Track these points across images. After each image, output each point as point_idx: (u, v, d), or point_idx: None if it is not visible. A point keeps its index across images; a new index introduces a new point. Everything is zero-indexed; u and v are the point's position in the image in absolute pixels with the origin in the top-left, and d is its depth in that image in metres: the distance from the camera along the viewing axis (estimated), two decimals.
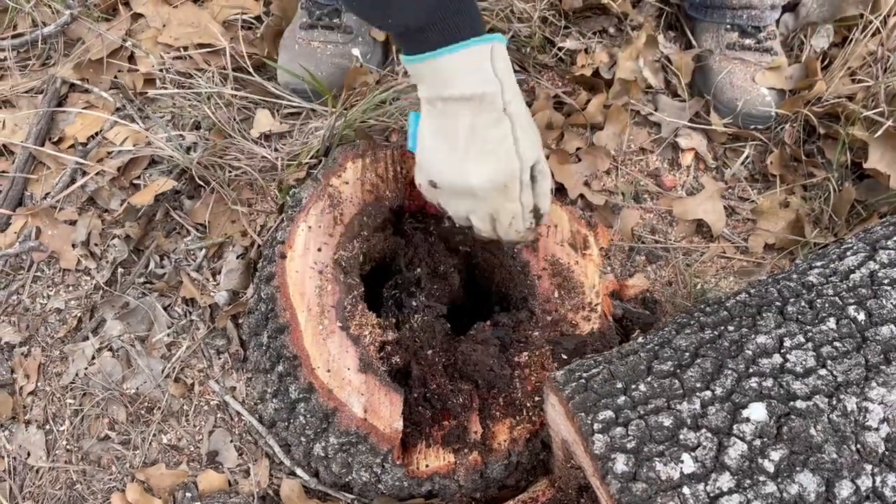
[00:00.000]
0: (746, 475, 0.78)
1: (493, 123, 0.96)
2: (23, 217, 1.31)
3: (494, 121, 0.96)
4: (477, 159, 0.98)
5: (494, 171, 0.98)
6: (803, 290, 0.95)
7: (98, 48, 1.45)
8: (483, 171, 0.98)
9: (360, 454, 1.03)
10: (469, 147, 0.97)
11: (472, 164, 0.98)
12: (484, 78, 0.93)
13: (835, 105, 1.43)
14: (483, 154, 0.97)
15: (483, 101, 0.94)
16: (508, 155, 0.98)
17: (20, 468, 1.16)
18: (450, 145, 0.98)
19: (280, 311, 1.04)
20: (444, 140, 0.99)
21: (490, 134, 0.96)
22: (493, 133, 0.96)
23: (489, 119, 0.95)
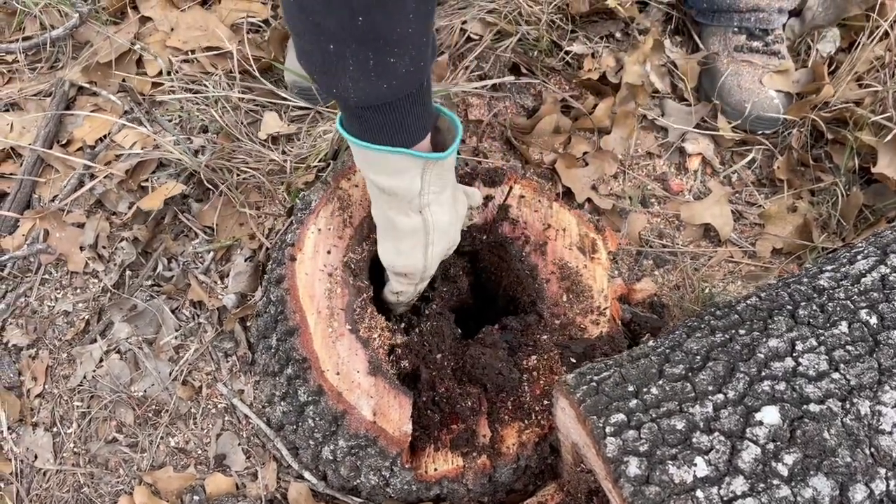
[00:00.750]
0: (760, 479, 0.77)
1: (404, 220, 1.00)
2: (31, 220, 1.31)
3: (406, 218, 1.00)
4: (387, 242, 1.04)
5: (397, 262, 1.05)
6: (814, 294, 0.95)
7: (106, 51, 1.45)
8: (388, 256, 1.05)
9: (369, 457, 1.03)
10: (383, 228, 1.03)
11: (383, 242, 1.05)
12: (405, 181, 0.95)
13: (842, 110, 1.43)
14: (393, 240, 1.03)
15: (398, 198, 0.97)
16: (414, 255, 1.03)
17: (27, 471, 1.16)
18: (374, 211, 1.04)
19: (290, 313, 1.04)
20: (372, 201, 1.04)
21: (399, 227, 1.00)
22: (403, 228, 1.00)
23: (401, 216, 0.99)
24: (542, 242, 1.22)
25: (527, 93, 1.50)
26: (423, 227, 1.00)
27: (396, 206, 0.98)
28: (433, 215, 1.00)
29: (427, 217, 0.99)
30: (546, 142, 1.44)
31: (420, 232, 1.01)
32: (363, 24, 0.76)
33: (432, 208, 0.99)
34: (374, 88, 0.83)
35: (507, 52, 1.49)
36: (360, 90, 0.83)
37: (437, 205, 0.99)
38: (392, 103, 0.87)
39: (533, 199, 1.25)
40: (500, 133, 1.46)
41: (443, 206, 1.00)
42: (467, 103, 1.46)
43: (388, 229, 1.02)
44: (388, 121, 0.89)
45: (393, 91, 0.84)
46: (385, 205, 0.99)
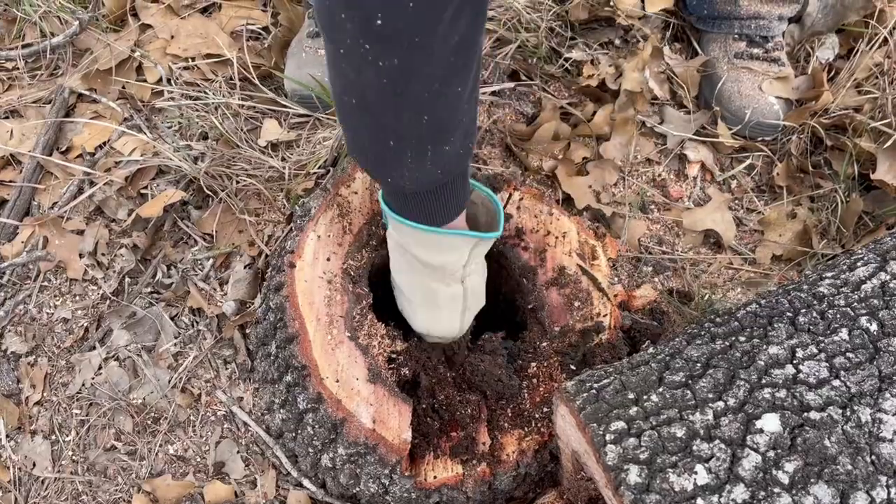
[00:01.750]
0: (761, 487, 0.77)
1: (445, 290, 1.03)
2: (30, 227, 1.31)
3: (447, 288, 1.03)
4: (425, 312, 1.07)
5: (433, 329, 1.08)
6: (814, 301, 0.95)
7: (106, 58, 1.45)
8: (423, 325, 1.08)
9: (369, 465, 1.03)
10: (420, 298, 1.05)
11: (418, 312, 1.07)
12: (453, 257, 0.99)
13: (842, 116, 1.44)
14: (431, 310, 1.06)
15: (444, 272, 1.00)
16: (451, 321, 1.07)
17: (25, 479, 1.15)
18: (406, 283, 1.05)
19: (289, 320, 1.04)
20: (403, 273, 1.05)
21: (440, 297, 1.03)
22: (443, 297, 1.04)
23: (443, 287, 1.03)
24: (541, 249, 1.22)
25: (526, 99, 1.50)
26: (463, 294, 1.04)
27: (440, 279, 1.02)
28: (471, 282, 1.04)
29: (468, 285, 1.04)
30: (545, 148, 1.45)
31: (459, 299, 1.05)
32: (428, 121, 0.77)
33: (472, 277, 1.04)
34: (428, 176, 0.85)
35: (506, 58, 1.49)
36: (414, 179, 0.85)
37: (476, 274, 1.05)
38: (443, 185, 0.89)
39: (533, 205, 1.24)
40: (499, 140, 1.46)
41: (479, 272, 1.06)
42: None
43: (426, 300, 1.05)
44: (438, 202, 0.92)
45: (445, 174, 0.87)
46: (427, 277, 1.02)
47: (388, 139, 0.79)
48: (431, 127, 0.78)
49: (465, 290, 1.04)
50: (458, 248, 0.98)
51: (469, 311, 1.08)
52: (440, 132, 0.80)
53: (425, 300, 1.05)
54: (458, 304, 1.05)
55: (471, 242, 0.98)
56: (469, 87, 0.78)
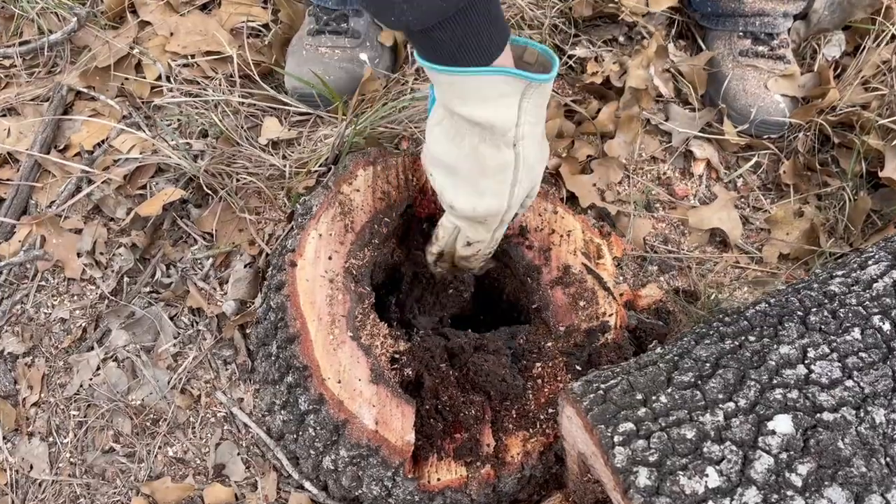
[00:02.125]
0: (773, 490, 0.75)
1: (495, 155, 0.92)
2: (28, 226, 1.29)
3: (497, 153, 0.91)
4: (471, 183, 0.95)
5: (482, 203, 0.96)
6: (825, 300, 0.93)
7: (105, 56, 1.44)
8: (468, 200, 0.97)
9: (371, 467, 1.01)
10: (467, 169, 0.94)
11: (465, 184, 0.96)
12: (499, 110, 0.88)
13: (849, 114, 1.42)
14: (479, 181, 0.95)
15: (493, 131, 0.89)
16: (499, 194, 0.95)
17: (22, 481, 1.13)
18: (452, 153, 0.94)
19: (290, 320, 1.02)
20: (448, 142, 0.94)
21: (489, 164, 0.92)
22: (493, 165, 0.92)
23: (493, 150, 0.91)
24: (546, 248, 1.20)
25: None
26: (514, 163, 0.92)
27: (490, 140, 0.89)
28: (525, 149, 0.91)
29: (519, 151, 0.91)
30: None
31: (510, 168, 0.92)
32: None
33: (525, 142, 0.91)
34: (430, 4, 0.77)
35: None
36: (416, 9, 0.77)
37: (531, 139, 0.91)
38: (455, 16, 0.80)
39: (537, 203, 1.23)
40: None
41: (535, 141, 0.93)
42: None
43: (472, 168, 0.93)
44: (459, 36, 0.81)
45: (450, 2, 0.78)
46: (475, 138, 0.90)
47: None
48: None
49: (516, 158, 0.91)
50: (505, 95, 0.86)
51: (520, 186, 0.95)
52: None
53: (471, 168, 0.93)
54: (509, 174, 0.93)
55: (519, 86, 0.85)
56: None
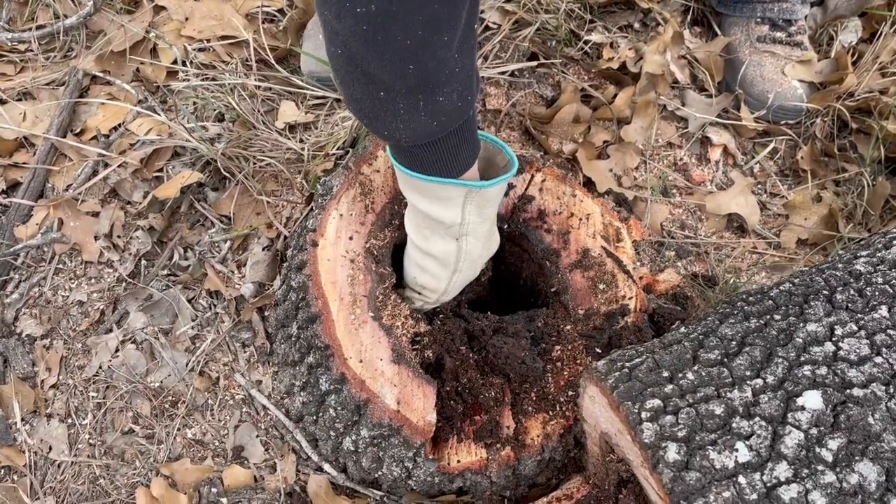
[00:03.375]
0: (804, 464, 0.75)
1: (441, 243, 1.01)
2: (45, 208, 1.29)
3: (443, 242, 1.01)
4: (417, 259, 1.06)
5: (419, 278, 1.07)
6: (851, 279, 0.92)
7: (120, 40, 1.43)
8: (413, 272, 1.08)
9: (393, 448, 1.01)
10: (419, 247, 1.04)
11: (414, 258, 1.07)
12: (449, 210, 0.97)
13: (867, 99, 1.41)
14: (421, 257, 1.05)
15: (442, 225, 0.98)
16: (438, 277, 1.05)
17: (41, 463, 1.13)
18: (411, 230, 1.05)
19: (312, 299, 1.02)
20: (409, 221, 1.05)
21: (434, 249, 1.02)
22: (437, 250, 1.02)
23: (440, 239, 1.01)
24: (565, 231, 1.20)
25: (545, 82, 1.48)
26: (456, 254, 1.02)
27: (438, 231, 1.00)
28: (468, 244, 1.01)
29: (462, 245, 1.01)
30: (566, 131, 1.42)
31: (451, 257, 1.02)
32: (414, 70, 0.75)
33: (469, 238, 1.01)
34: (424, 127, 0.84)
35: (525, 41, 1.47)
36: (410, 130, 0.84)
37: (474, 237, 1.01)
38: (442, 138, 0.88)
39: (555, 187, 1.22)
40: (518, 123, 1.44)
41: (479, 238, 1.02)
42: (486, 93, 1.44)
43: (419, 247, 1.04)
44: (438, 154, 0.90)
45: (442, 127, 0.85)
46: (423, 223, 1.01)
47: (378, 90, 0.78)
48: (419, 77, 0.76)
49: (458, 250, 1.02)
50: (450, 199, 0.95)
51: (459, 275, 1.05)
52: (429, 83, 0.78)
53: (417, 247, 1.04)
54: (450, 262, 1.03)
55: (462, 192, 0.94)
56: (457, 36, 0.76)
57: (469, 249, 1.02)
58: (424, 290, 1.09)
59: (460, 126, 0.88)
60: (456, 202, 0.96)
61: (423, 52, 0.74)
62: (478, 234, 1.01)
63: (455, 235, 1.00)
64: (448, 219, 0.97)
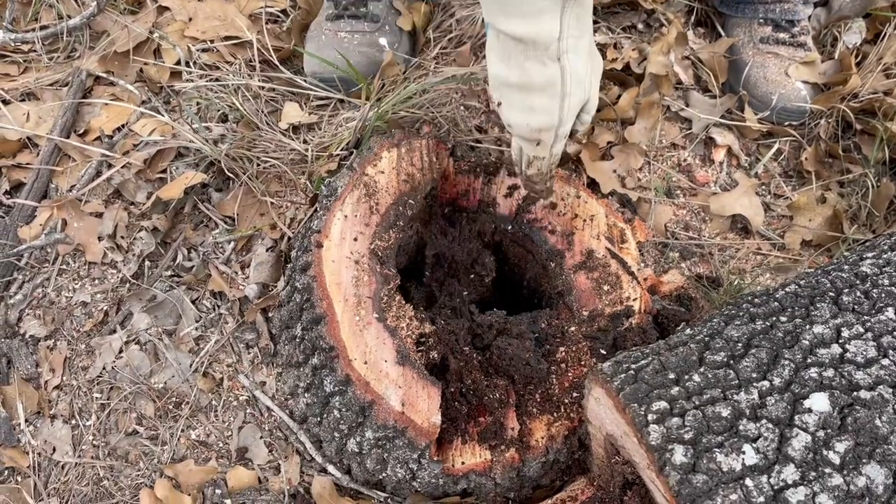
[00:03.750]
0: (811, 467, 0.75)
1: (541, 70, 0.92)
2: (48, 209, 1.29)
3: (543, 68, 0.92)
4: (522, 99, 0.96)
5: (534, 117, 0.97)
6: (857, 281, 0.92)
7: (124, 41, 1.43)
8: (521, 118, 0.97)
9: (397, 449, 1.01)
10: (517, 85, 0.94)
11: (517, 101, 0.96)
12: (542, 23, 0.88)
13: (871, 100, 1.41)
14: (528, 97, 0.95)
15: (536, 45, 0.89)
16: (549, 109, 0.95)
17: (45, 464, 1.13)
18: (503, 73, 0.95)
19: (316, 300, 1.01)
20: (499, 63, 0.95)
21: (536, 79, 0.92)
22: (540, 80, 0.92)
23: (538, 65, 0.91)
24: (569, 232, 1.20)
25: None
26: (560, 76, 0.92)
27: (533, 55, 0.90)
28: (570, 63, 0.92)
29: (565, 65, 0.92)
30: None
31: (557, 82, 0.93)
32: None
33: (570, 55, 0.91)
34: None
35: None
36: None
37: (575, 52, 0.92)
38: None
39: (560, 188, 1.22)
40: None
41: (580, 54, 0.93)
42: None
43: (518, 84, 0.94)
44: None
45: None
46: (520, 55, 0.91)
47: None
48: None
49: (562, 71, 0.92)
50: (544, 10, 0.87)
51: (570, 99, 0.95)
52: None
53: (521, 86, 0.94)
54: (557, 88, 0.93)
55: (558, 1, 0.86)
56: None
57: (574, 68, 0.92)
58: (542, 133, 0.98)
59: None
60: (553, 13, 0.87)
61: None
62: (578, 49, 0.92)
63: (555, 55, 0.90)
64: (545, 35, 0.88)
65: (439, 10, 1.51)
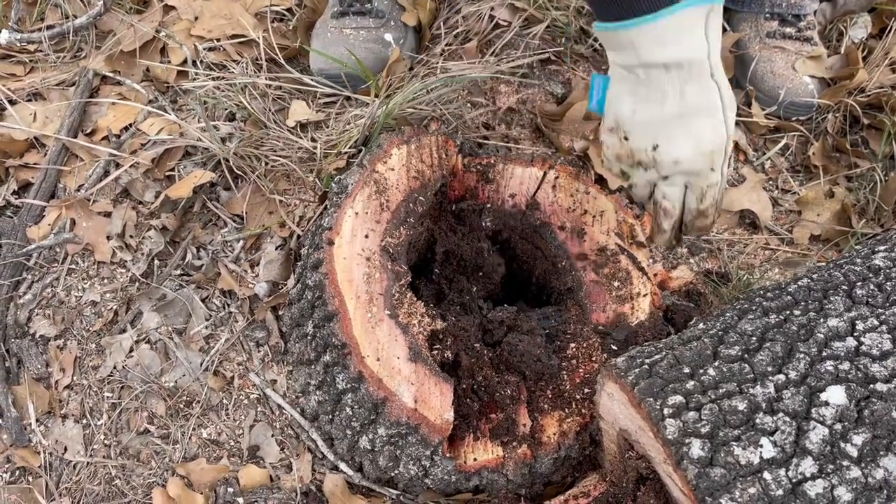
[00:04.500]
0: (829, 460, 0.75)
1: (702, 91, 0.91)
2: (57, 209, 1.29)
3: (704, 88, 0.91)
4: (687, 128, 0.93)
5: (704, 141, 0.94)
6: (870, 274, 0.92)
7: (130, 40, 1.43)
8: (692, 141, 0.94)
9: (410, 446, 1.00)
10: (679, 115, 0.92)
11: (682, 132, 0.93)
12: (694, 43, 0.87)
13: (878, 94, 1.41)
14: (693, 123, 0.93)
15: (692, 67, 0.88)
16: (717, 126, 0.93)
17: (56, 463, 1.13)
18: (654, 114, 0.93)
19: (328, 298, 1.01)
20: (648, 107, 0.93)
21: (700, 102, 0.91)
22: (702, 101, 0.91)
23: (698, 87, 0.90)
24: (578, 228, 1.20)
25: (555, 79, 1.48)
26: (719, 91, 0.91)
27: (690, 78, 0.89)
28: (719, 76, 0.91)
29: (717, 79, 0.91)
30: (576, 129, 1.42)
31: (716, 98, 0.92)
32: None
33: (718, 69, 0.91)
34: None
35: (535, 39, 1.47)
36: None
37: (718, 65, 0.91)
38: None
39: (569, 184, 1.22)
40: (529, 120, 1.44)
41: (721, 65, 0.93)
42: (496, 90, 1.44)
43: (679, 114, 0.92)
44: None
45: None
46: (678, 83, 0.89)
47: None
48: None
49: (719, 87, 0.91)
50: (692, 28, 0.85)
51: (729, 111, 0.94)
52: None
53: (682, 115, 0.92)
54: (717, 104, 0.91)
55: (702, 14, 0.85)
56: None
57: (721, 81, 0.92)
58: (714, 155, 0.96)
59: None
60: (699, 31, 0.86)
61: None
62: (719, 61, 0.91)
63: (709, 72, 0.89)
64: (699, 53, 0.87)
65: (445, 6, 1.51)
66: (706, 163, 0.96)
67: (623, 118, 0.96)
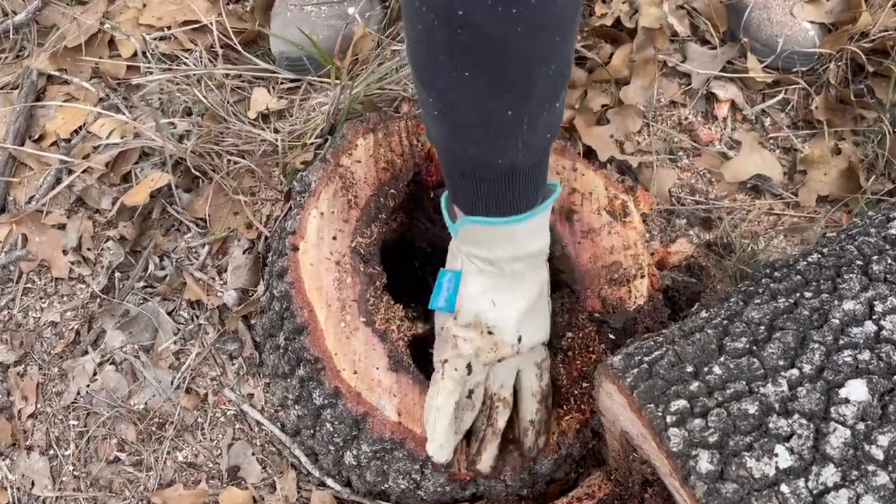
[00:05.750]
0: (852, 465, 0.67)
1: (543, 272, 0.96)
2: (6, 224, 1.20)
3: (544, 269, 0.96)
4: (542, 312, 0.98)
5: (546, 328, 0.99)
6: (886, 246, 0.84)
7: (74, 34, 1.33)
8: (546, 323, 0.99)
9: (397, 461, 0.94)
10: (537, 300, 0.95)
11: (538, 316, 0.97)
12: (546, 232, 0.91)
13: (883, 39, 1.31)
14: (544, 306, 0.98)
15: (542, 255, 0.93)
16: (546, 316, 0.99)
17: (25, 499, 1.06)
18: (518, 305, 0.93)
19: (296, 309, 0.93)
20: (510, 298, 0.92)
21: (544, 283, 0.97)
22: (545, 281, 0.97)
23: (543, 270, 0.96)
24: (567, 209, 1.11)
25: None
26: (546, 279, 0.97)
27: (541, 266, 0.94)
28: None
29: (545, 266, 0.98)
30: None
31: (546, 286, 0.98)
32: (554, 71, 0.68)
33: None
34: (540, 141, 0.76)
35: None
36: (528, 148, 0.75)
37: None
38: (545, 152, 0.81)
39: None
40: None
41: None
42: None
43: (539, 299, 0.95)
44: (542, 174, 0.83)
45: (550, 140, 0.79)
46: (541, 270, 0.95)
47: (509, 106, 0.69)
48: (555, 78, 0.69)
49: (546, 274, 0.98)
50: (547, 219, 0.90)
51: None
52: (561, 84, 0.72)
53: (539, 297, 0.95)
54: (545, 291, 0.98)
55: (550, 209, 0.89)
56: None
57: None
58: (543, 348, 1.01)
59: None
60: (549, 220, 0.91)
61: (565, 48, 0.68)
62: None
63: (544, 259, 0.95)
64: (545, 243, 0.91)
65: None
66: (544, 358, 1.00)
67: (485, 313, 0.92)
